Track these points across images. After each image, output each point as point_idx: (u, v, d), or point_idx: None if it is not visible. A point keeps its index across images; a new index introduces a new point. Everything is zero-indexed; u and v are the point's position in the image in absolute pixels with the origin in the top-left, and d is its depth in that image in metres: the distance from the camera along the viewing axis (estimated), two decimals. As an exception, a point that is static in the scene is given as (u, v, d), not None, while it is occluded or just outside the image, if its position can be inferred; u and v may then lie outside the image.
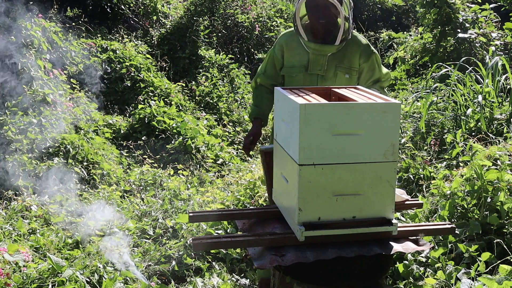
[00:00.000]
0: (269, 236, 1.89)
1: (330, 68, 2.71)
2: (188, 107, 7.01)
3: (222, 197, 4.50)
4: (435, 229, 2.04)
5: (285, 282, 1.98)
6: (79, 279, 2.94)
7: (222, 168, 5.56)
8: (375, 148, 1.79)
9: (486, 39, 7.11)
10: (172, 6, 9.25)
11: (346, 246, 1.85)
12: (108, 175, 4.84)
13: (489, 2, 7.82)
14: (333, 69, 2.70)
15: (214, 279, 3.26)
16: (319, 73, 2.70)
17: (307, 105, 1.72)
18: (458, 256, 2.92)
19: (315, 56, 2.69)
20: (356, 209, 1.83)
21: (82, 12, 7.72)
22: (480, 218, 3.06)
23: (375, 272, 1.90)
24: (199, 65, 8.04)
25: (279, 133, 2.03)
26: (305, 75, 2.71)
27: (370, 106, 1.78)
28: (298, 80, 2.73)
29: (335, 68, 2.70)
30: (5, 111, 5.04)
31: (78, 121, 5.43)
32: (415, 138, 4.93)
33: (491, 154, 3.48)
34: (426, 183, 4.00)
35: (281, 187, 2.02)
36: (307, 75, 2.71)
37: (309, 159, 1.75)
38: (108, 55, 7.04)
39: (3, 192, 4.34)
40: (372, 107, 1.78)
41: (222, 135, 6.57)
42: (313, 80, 2.71)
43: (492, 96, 4.90)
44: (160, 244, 3.82)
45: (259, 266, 1.80)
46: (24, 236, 3.63)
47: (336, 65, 2.71)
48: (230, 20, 9.17)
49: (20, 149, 4.69)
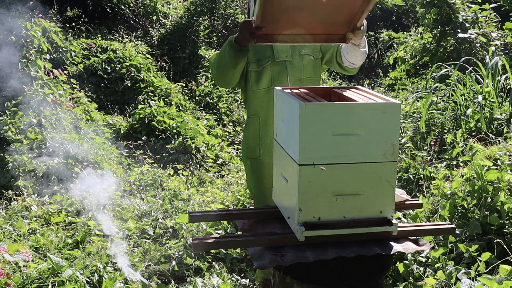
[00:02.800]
0: (269, 236, 1.89)
1: (295, 53, 2.76)
2: (188, 107, 7.01)
3: (222, 197, 4.51)
4: (435, 229, 2.04)
5: (285, 282, 1.98)
6: (79, 279, 2.94)
7: (222, 168, 5.56)
8: (375, 148, 1.79)
9: (486, 39, 7.11)
10: (172, 6, 9.25)
11: (346, 246, 1.85)
12: (108, 175, 4.83)
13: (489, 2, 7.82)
14: (298, 53, 2.76)
15: (214, 279, 3.26)
16: (286, 59, 2.74)
17: (307, 105, 1.72)
18: (458, 256, 2.92)
19: (278, 46, 2.74)
20: (356, 209, 1.83)
21: (82, 12, 7.72)
22: (481, 218, 3.06)
23: (375, 272, 1.90)
24: (199, 65, 8.04)
25: (279, 133, 2.03)
26: (272, 64, 2.73)
27: (370, 106, 1.78)
28: (266, 71, 2.73)
29: (299, 52, 2.76)
30: (5, 111, 5.04)
31: (78, 121, 5.42)
32: (415, 138, 4.94)
33: (491, 154, 3.48)
34: (426, 183, 4.00)
35: (281, 187, 2.02)
36: (275, 64, 2.73)
37: (309, 159, 1.75)
38: (108, 55, 7.04)
39: (3, 192, 4.34)
40: (372, 107, 1.78)
41: (222, 135, 6.57)
42: (282, 68, 2.74)
43: (492, 96, 4.90)
44: (160, 244, 3.82)
45: (259, 266, 1.80)
46: (24, 236, 3.63)
47: (299, 49, 2.77)
48: (230, 20, 9.17)
49: (20, 149, 4.69)
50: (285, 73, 2.75)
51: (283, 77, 2.74)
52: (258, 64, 2.75)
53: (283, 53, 2.75)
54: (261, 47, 2.76)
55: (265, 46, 2.76)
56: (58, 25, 6.77)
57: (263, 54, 2.75)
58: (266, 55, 2.74)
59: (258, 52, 2.76)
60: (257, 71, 2.75)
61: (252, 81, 2.77)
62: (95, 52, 7.00)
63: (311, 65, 2.79)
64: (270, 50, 2.76)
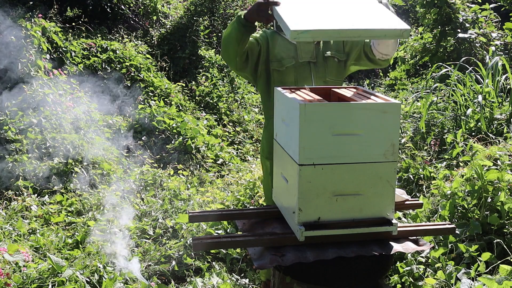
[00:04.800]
0: (269, 236, 1.89)
1: (319, 55, 2.70)
2: (188, 107, 7.01)
3: (222, 197, 4.51)
4: (435, 229, 2.04)
5: (285, 282, 1.98)
6: (79, 279, 2.94)
7: (222, 168, 5.56)
8: (375, 148, 1.79)
9: (486, 39, 7.11)
10: (172, 6, 9.25)
11: (346, 246, 1.85)
12: (108, 175, 4.84)
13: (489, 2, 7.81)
14: (321, 55, 2.70)
15: (214, 279, 3.26)
16: (310, 60, 2.67)
17: (307, 105, 1.72)
18: (458, 256, 2.92)
19: (302, 45, 2.68)
20: (356, 209, 1.83)
21: (82, 12, 7.71)
22: (481, 218, 3.06)
23: (375, 272, 1.90)
24: (199, 65, 8.04)
25: (279, 133, 2.03)
26: (296, 64, 2.66)
27: (370, 106, 1.78)
28: (290, 72, 2.67)
29: (323, 54, 2.70)
30: (5, 111, 5.04)
31: (78, 121, 5.42)
32: (415, 138, 4.94)
33: (491, 154, 3.48)
34: (426, 183, 4.00)
35: (281, 187, 2.02)
36: (298, 65, 2.67)
37: (309, 159, 1.75)
38: (108, 55, 7.04)
39: (3, 192, 4.34)
40: (372, 107, 1.78)
41: (222, 135, 6.58)
42: (306, 68, 2.67)
43: (492, 96, 4.90)
44: (160, 244, 3.82)
45: (259, 266, 1.80)
46: (24, 236, 3.63)
47: (324, 51, 2.71)
48: (230, 20, 9.17)
49: (20, 149, 4.69)
50: (309, 75, 2.67)
51: (308, 78, 2.66)
52: (281, 64, 2.67)
53: (306, 54, 2.68)
54: (283, 45, 2.69)
55: (288, 46, 2.68)
56: (58, 25, 6.77)
57: (286, 53, 2.67)
58: (290, 55, 2.67)
59: (281, 50, 2.69)
60: (280, 71, 2.67)
61: (275, 82, 2.69)
62: (95, 52, 7.00)
63: (335, 67, 2.71)
64: (294, 51, 2.68)
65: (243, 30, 2.47)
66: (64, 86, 5.83)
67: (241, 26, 2.46)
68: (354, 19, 1.89)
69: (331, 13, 1.93)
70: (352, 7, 2.01)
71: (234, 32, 2.51)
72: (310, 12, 1.94)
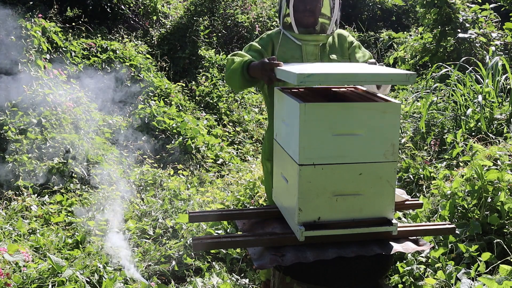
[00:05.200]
0: (269, 236, 1.89)
1: (323, 58, 2.71)
2: (188, 107, 7.01)
3: (222, 197, 4.51)
4: (435, 229, 2.04)
5: (285, 282, 1.98)
6: (79, 279, 2.94)
7: (222, 168, 5.56)
8: (375, 148, 1.79)
9: (486, 39, 7.10)
10: (172, 6, 9.25)
11: (346, 246, 1.85)
12: (108, 175, 4.84)
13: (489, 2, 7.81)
14: (327, 57, 2.71)
15: (214, 279, 3.26)
16: (315, 61, 2.68)
17: (307, 105, 1.72)
18: (458, 256, 2.92)
19: (307, 47, 2.69)
20: (356, 209, 1.83)
21: (82, 12, 7.71)
22: (481, 218, 3.06)
23: (375, 272, 1.90)
24: (199, 65, 8.04)
25: (279, 133, 2.03)
26: None
27: (370, 106, 1.78)
28: None
29: (328, 56, 2.71)
30: (5, 111, 5.04)
31: (78, 121, 5.43)
32: (415, 138, 4.94)
33: (491, 154, 3.48)
34: (426, 183, 4.00)
35: (281, 187, 2.02)
36: None
37: (309, 159, 1.75)
38: (108, 55, 7.04)
39: (3, 192, 4.34)
40: (372, 107, 1.78)
41: (222, 135, 6.57)
42: None
43: (492, 96, 4.90)
44: (160, 244, 3.82)
45: (259, 266, 1.80)
46: (24, 236, 3.63)
47: (329, 55, 2.71)
48: (230, 20, 9.17)
49: (20, 149, 4.69)
50: None
51: None
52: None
53: (311, 56, 2.68)
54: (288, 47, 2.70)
55: (293, 47, 2.69)
56: (58, 25, 6.77)
57: (291, 55, 2.68)
58: (295, 57, 2.68)
59: (286, 51, 2.69)
60: None
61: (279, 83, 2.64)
62: (95, 52, 7.00)
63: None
64: (299, 52, 2.69)
65: (247, 83, 2.48)
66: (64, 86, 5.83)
67: (245, 81, 2.45)
68: (359, 68, 1.95)
69: (335, 66, 2.03)
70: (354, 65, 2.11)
71: (238, 81, 2.49)
72: (313, 67, 1.98)
